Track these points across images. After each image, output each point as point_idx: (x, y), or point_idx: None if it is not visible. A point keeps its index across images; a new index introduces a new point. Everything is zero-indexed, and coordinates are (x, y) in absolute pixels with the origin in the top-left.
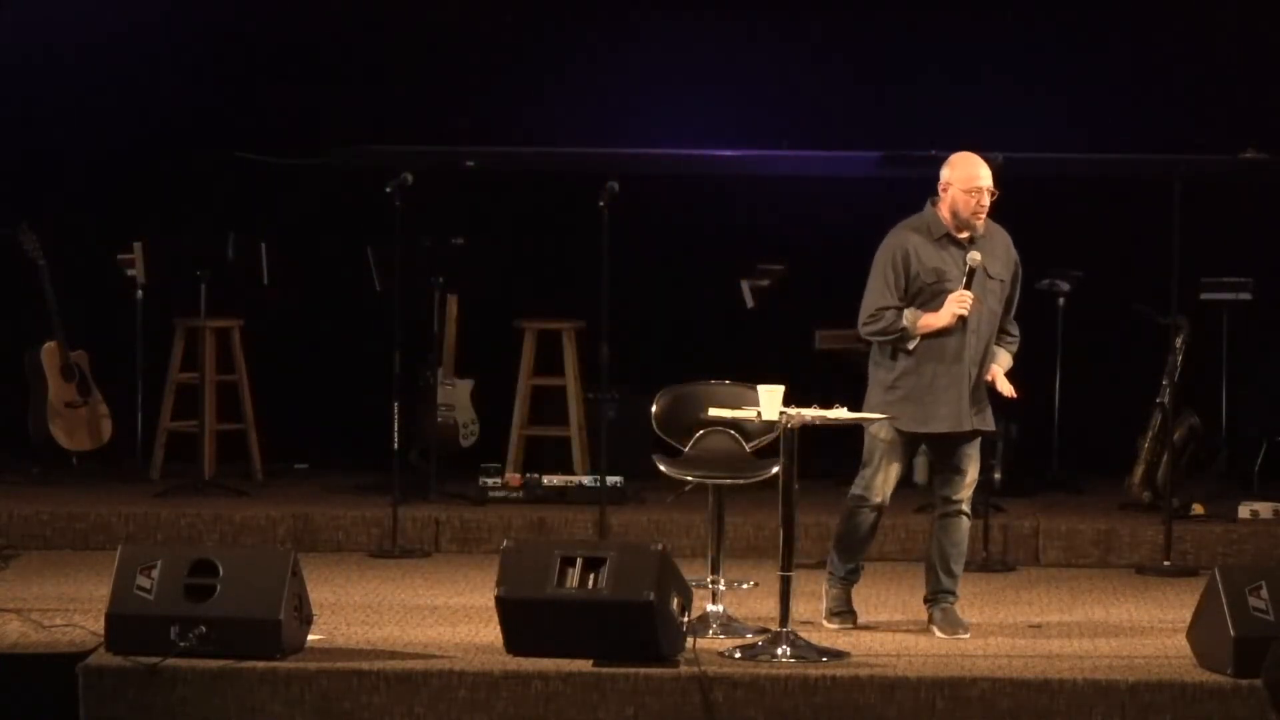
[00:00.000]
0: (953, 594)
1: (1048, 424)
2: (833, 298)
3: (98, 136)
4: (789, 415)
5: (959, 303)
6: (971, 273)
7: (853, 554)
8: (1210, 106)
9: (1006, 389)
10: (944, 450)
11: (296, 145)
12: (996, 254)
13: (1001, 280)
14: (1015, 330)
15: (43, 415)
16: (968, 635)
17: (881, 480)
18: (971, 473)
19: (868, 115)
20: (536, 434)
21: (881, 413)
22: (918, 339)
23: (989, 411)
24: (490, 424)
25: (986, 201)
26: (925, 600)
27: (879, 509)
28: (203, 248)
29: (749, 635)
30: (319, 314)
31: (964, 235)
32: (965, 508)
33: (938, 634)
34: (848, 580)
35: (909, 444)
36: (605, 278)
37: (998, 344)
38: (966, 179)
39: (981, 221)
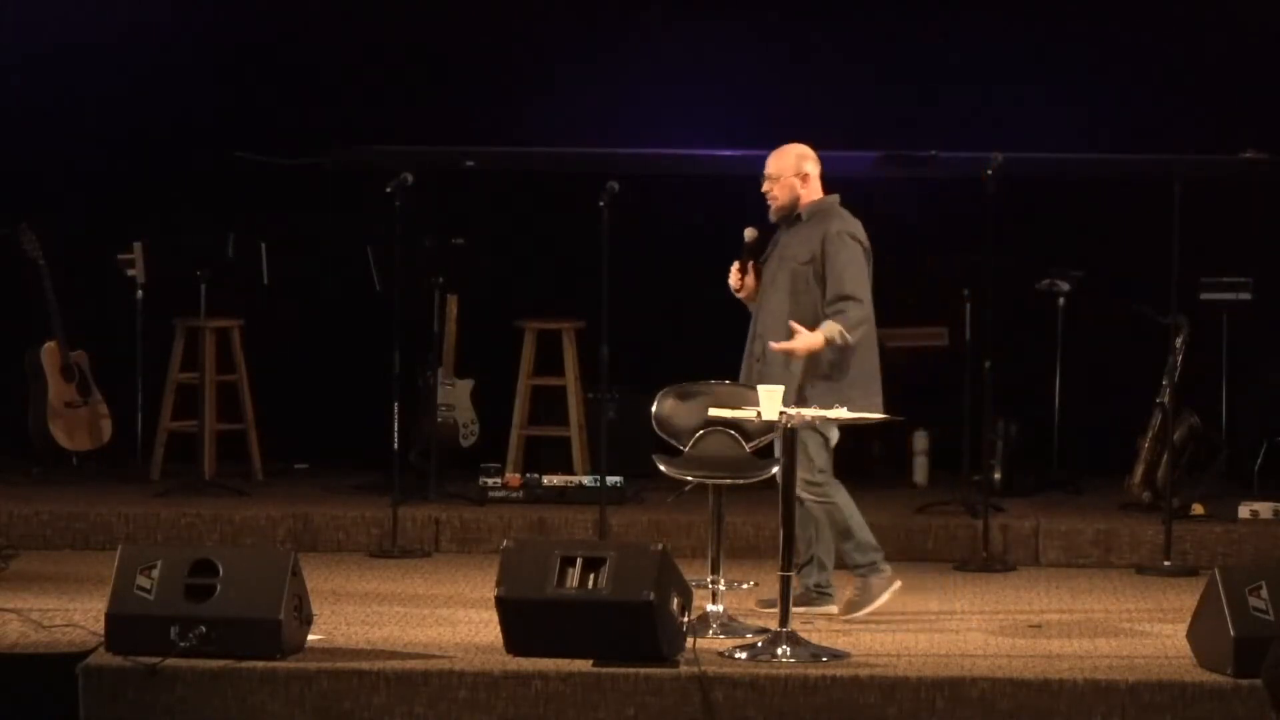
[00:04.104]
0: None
1: (1048, 424)
2: None
3: (98, 136)
4: (789, 415)
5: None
6: (743, 248)
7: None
8: (1210, 106)
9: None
10: None
11: (296, 145)
12: (806, 239)
13: (798, 263)
14: (844, 306)
15: (43, 415)
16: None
17: None
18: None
19: (868, 115)
20: (536, 434)
21: None
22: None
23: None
24: (490, 424)
25: (766, 187)
26: None
27: None
28: (203, 248)
29: (749, 635)
30: (319, 314)
31: (790, 219)
32: (800, 493)
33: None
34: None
35: None
36: (605, 278)
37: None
38: None
39: (773, 206)
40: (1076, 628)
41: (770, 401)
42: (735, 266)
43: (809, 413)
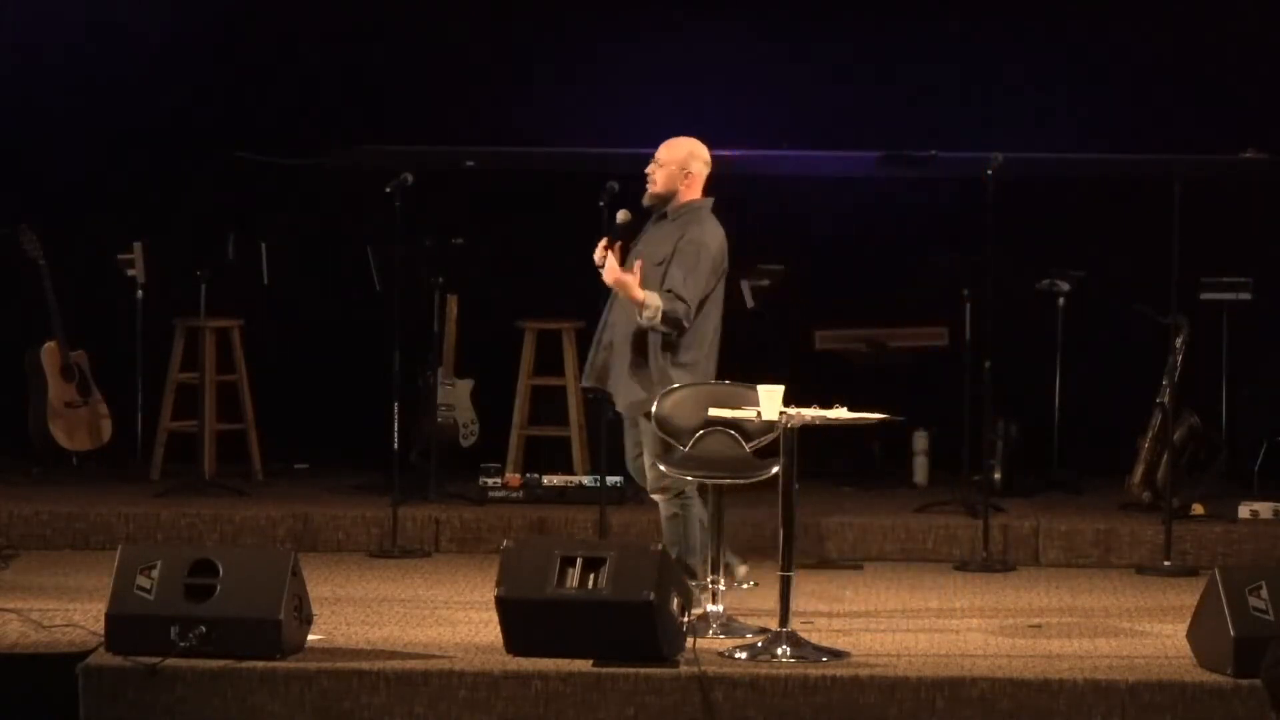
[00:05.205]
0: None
1: (1048, 424)
2: (833, 298)
3: (98, 136)
4: (789, 415)
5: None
6: (613, 226)
7: None
8: (1210, 106)
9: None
10: None
11: (296, 145)
12: (664, 240)
13: (653, 264)
14: (670, 299)
15: (43, 415)
16: None
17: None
18: (642, 455)
19: (868, 115)
20: (536, 434)
21: None
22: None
23: (618, 385)
24: (490, 424)
25: (649, 170)
26: None
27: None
28: (203, 248)
29: (749, 635)
30: (319, 314)
31: (660, 213)
32: (653, 495)
33: None
34: None
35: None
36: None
37: None
38: None
39: (649, 189)
40: (1076, 628)
41: (770, 401)
42: (602, 243)
43: (809, 413)
